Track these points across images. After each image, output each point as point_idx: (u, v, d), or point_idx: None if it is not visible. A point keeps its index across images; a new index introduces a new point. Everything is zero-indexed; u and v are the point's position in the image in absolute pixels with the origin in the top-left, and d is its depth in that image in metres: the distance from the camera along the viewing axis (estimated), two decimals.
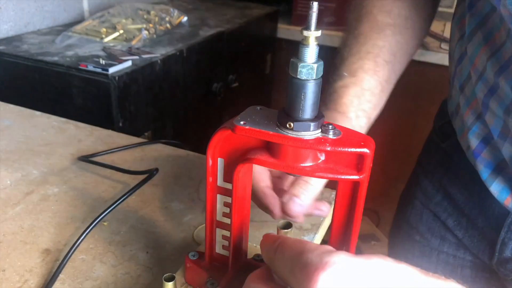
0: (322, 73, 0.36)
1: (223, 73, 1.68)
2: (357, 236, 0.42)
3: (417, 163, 0.83)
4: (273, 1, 2.15)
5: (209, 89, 1.61)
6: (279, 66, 2.15)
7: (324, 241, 0.64)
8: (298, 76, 0.35)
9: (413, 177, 0.82)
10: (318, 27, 0.34)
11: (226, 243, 0.48)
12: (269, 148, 0.40)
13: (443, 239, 0.75)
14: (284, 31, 2.07)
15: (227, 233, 0.47)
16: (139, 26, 1.41)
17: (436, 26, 1.98)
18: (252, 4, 2.05)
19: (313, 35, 0.34)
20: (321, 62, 0.36)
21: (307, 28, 0.34)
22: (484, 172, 0.61)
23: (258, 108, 0.41)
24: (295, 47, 0.36)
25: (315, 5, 0.34)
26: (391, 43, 0.61)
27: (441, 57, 1.81)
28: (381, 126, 0.68)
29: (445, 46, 1.84)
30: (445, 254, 0.76)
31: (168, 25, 1.51)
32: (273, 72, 2.16)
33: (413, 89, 1.88)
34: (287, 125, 0.37)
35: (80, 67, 1.13)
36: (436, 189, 0.75)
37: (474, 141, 0.62)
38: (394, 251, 0.85)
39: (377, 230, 2.06)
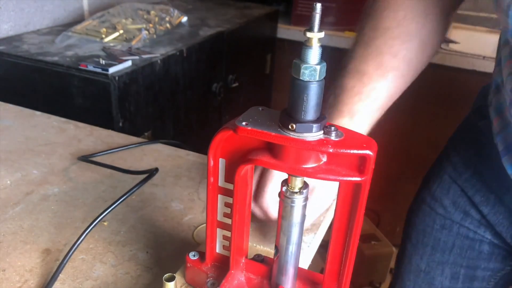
0: (324, 74, 0.36)
1: (223, 73, 1.68)
2: (358, 237, 0.42)
3: (449, 141, 0.86)
4: (273, 1, 2.14)
5: (209, 89, 1.61)
6: (279, 66, 2.15)
7: (325, 241, 0.64)
8: (301, 78, 0.35)
9: (444, 153, 0.85)
10: (320, 28, 0.34)
11: (226, 243, 0.48)
12: (271, 149, 0.40)
13: (466, 214, 0.77)
14: (284, 31, 2.07)
15: (227, 233, 0.47)
16: (139, 26, 1.41)
17: None
18: (252, 4, 2.05)
19: (316, 36, 0.34)
20: (324, 64, 0.35)
21: (310, 29, 0.34)
22: None
23: (260, 108, 0.40)
24: (295, 47, 0.35)
25: (318, 6, 0.33)
26: (390, 88, 0.66)
27: (441, 57, 1.81)
28: (381, 126, 0.69)
29: (445, 46, 1.84)
30: (466, 229, 0.78)
31: (168, 25, 1.51)
32: (273, 72, 2.16)
33: (413, 89, 1.88)
34: (289, 126, 0.36)
35: (80, 67, 1.13)
36: (466, 165, 0.77)
37: None
38: (412, 225, 0.87)
39: (377, 230, 2.06)
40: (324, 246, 0.69)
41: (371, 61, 0.65)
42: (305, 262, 0.59)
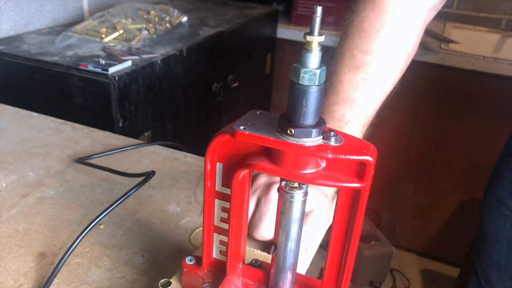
0: (324, 78, 0.35)
1: (223, 73, 1.68)
2: (357, 244, 0.41)
3: (505, 147, 0.89)
4: (273, 1, 2.14)
5: (209, 89, 1.60)
6: (279, 66, 2.15)
7: (324, 240, 0.64)
8: (300, 82, 0.34)
9: (502, 157, 0.89)
10: (320, 30, 0.33)
11: (223, 248, 0.47)
12: (269, 154, 0.39)
13: None
14: (284, 31, 2.06)
15: (224, 238, 0.46)
16: (139, 26, 1.41)
17: (436, 26, 1.98)
18: (252, 4, 2.04)
19: (316, 40, 0.33)
20: (324, 68, 0.34)
21: (311, 32, 0.33)
22: None
23: (258, 112, 0.40)
24: (295, 47, 0.35)
25: (319, 9, 0.33)
26: (377, 109, 0.68)
27: (441, 57, 1.80)
28: (381, 126, 0.69)
29: (445, 46, 1.83)
30: None
31: (168, 25, 1.50)
32: (273, 72, 2.16)
33: (413, 88, 1.87)
34: (288, 131, 0.36)
35: (80, 67, 1.13)
36: None
37: None
38: (486, 227, 0.91)
39: (377, 230, 2.05)
40: (323, 245, 0.68)
41: (363, 86, 0.65)
42: (303, 266, 0.59)
